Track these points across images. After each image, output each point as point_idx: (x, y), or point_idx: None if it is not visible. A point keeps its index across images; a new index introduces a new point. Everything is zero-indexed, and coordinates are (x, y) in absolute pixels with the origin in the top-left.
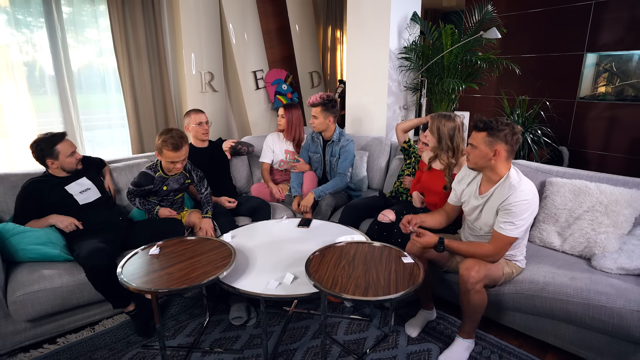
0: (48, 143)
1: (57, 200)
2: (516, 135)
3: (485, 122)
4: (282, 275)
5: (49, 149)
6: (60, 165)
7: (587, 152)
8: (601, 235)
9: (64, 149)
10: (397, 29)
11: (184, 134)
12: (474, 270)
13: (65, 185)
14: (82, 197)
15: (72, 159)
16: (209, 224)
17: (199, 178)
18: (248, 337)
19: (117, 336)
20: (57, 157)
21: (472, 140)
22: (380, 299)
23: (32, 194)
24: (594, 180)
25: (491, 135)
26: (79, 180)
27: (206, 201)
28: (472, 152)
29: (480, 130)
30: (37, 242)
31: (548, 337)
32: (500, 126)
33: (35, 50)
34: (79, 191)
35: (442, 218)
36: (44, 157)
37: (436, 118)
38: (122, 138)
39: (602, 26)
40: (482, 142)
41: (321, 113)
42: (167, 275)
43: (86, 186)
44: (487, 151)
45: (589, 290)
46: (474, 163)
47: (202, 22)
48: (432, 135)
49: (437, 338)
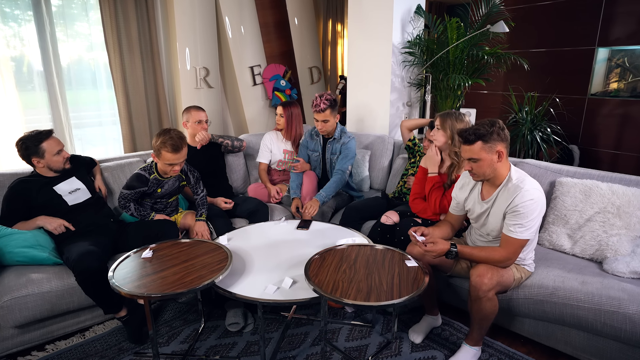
0: (33, 141)
1: (45, 201)
2: (504, 129)
3: (472, 132)
4: (280, 280)
5: (35, 147)
6: (46, 164)
7: (598, 151)
8: (613, 238)
9: (50, 147)
10: (401, 22)
11: (183, 135)
12: (487, 277)
13: (54, 185)
14: (72, 198)
15: (59, 157)
16: (204, 227)
17: (195, 179)
18: (245, 344)
19: (109, 343)
20: (43, 156)
21: (469, 154)
22: (382, 304)
23: (19, 195)
24: (606, 180)
25: (486, 141)
26: (68, 180)
27: (201, 203)
28: (476, 166)
29: (473, 142)
30: (24, 245)
31: (558, 344)
32: (488, 128)
33: (23, 45)
34: (68, 191)
35: (448, 229)
36: (29, 155)
37: (448, 116)
38: (114, 136)
39: (614, 19)
40: (482, 151)
41: (331, 114)
42: (161, 280)
43: (76, 186)
44: (491, 157)
45: (600, 295)
46: (482, 174)
47: (197, 15)
48: (444, 132)
49: (442, 345)
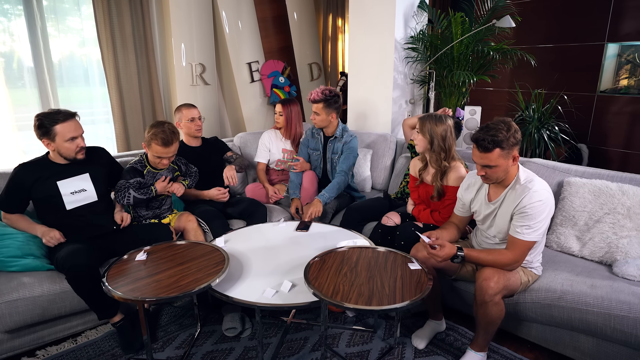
0: (49, 120)
1: (43, 197)
2: (518, 132)
3: (490, 139)
4: (279, 283)
5: (48, 127)
6: (56, 149)
7: (608, 150)
8: (623, 240)
9: (63, 131)
10: (403, 17)
11: (176, 130)
12: (493, 281)
13: (59, 179)
14: (72, 199)
15: (71, 145)
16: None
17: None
18: (242, 349)
19: (101, 348)
20: (54, 139)
21: (485, 162)
22: (385, 308)
23: (18, 185)
24: (616, 180)
25: (504, 147)
26: (79, 177)
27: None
28: (491, 172)
29: (491, 150)
30: (16, 255)
31: (566, 350)
32: (505, 134)
33: (13, 40)
34: (71, 191)
35: (455, 231)
36: (42, 135)
37: (427, 119)
38: (107, 134)
39: (624, 14)
40: (499, 158)
41: (323, 109)
42: (155, 283)
43: (82, 186)
44: (507, 163)
45: (610, 299)
46: (495, 179)
47: (193, 9)
48: (424, 137)
49: (446, 350)
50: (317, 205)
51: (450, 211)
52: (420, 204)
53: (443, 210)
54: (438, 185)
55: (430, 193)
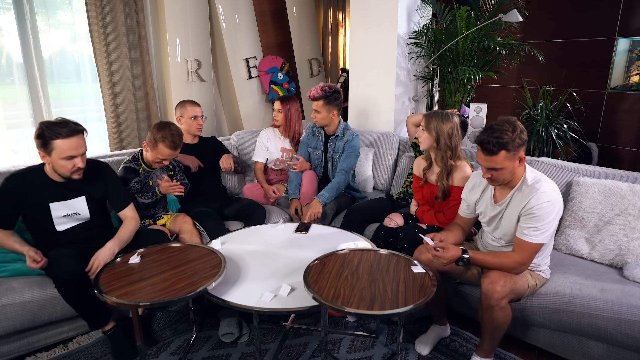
0: (51, 132)
1: (31, 215)
2: (524, 132)
3: (496, 142)
4: (277, 287)
5: (47, 138)
6: (51, 163)
7: (618, 149)
8: (634, 242)
9: (62, 148)
10: (407, 11)
11: (181, 132)
12: (499, 285)
13: (51, 201)
14: (63, 221)
15: (68, 164)
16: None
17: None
18: (240, 355)
19: (93, 355)
20: (50, 153)
21: (491, 164)
22: (387, 312)
23: (5, 198)
24: (627, 180)
25: (509, 149)
26: (74, 200)
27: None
28: (497, 174)
29: (496, 153)
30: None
31: (575, 356)
32: (511, 135)
33: (2, 35)
34: (63, 214)
35: (460, 233)
36: (39, 146)
37: (433, 116)
38: (99, 133)
39: (635, 8)
40: (506, 160)
41: (324, 107)
42: (150, 287)
43: (76, 210)
44: (514, 164)
45: (620, 304)
46: (502, 181)
47: (188, 3)
48: (429, 134)
49: (450, 357)
50: (316, 207)
51: (455, 212)
52: (424, 205)
53: (447, 212)
54: (443, 185)
55: (435, 193)
